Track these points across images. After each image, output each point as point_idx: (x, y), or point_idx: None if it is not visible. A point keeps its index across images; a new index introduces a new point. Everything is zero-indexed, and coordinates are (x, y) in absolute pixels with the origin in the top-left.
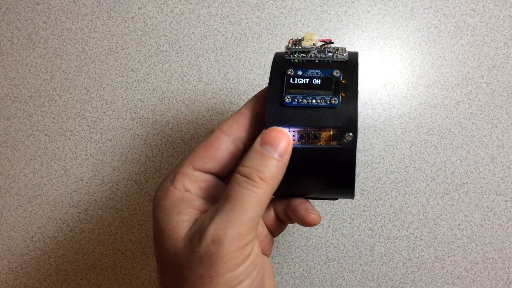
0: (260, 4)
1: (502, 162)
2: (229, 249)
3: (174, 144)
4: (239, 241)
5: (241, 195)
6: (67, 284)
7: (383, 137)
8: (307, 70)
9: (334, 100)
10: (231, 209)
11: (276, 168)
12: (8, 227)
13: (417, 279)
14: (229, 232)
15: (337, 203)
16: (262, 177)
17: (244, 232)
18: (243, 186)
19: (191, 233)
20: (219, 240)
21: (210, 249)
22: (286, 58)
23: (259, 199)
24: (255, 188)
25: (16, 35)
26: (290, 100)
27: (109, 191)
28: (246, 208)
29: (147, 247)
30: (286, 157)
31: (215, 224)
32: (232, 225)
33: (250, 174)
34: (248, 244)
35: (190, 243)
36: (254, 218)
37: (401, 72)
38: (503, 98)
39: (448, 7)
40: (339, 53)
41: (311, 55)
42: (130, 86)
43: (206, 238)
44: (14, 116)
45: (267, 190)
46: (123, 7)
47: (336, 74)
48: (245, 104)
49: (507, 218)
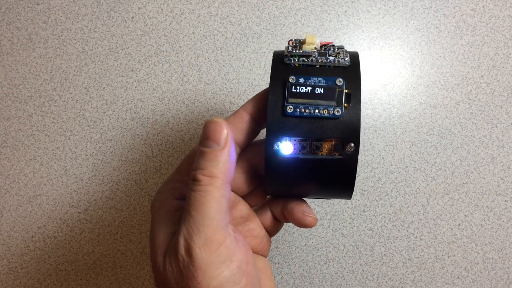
0: (260, 4)
1: (502, 162)
2: (202, 256)
3: (174, 144)
4: (209, 244)
5: (195, 199)
6: (67, 284)
7: (383, 137)
8: (309, 78)
9: (337, 111)
10: (190, 215)
11: (218, 159)
12: (8, 227)
13: (417, 279)
14: (195, 238)
15: (337, 203)
16: (207, 173)
17: (210, 234)
18: (193, 189)
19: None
20: (190, 249)
21: (186, 260)
22: (286, 62)
23: (211, 196)
24: (204, 186)
25: (16, 35)
26: (292, 110)
27: (109, 191)
28: (203, 209)
29: (147, 247)
30: (228, 145)
31: (182, 234)
32: (196, 231)
33: (195, 175)
34: (221, 245)
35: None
36: (215, 217)
37: (401, 72)
38: (503, 98)
39: (448, 7)
40: (340, 58)
41: (311, 59)
42: (130, 86)
43: (179, 250)
44: (14, 116)
45: (217, 184)
46: (123, 7)
47: (339, 83)
48: (242, 107)
49: (507, 218)
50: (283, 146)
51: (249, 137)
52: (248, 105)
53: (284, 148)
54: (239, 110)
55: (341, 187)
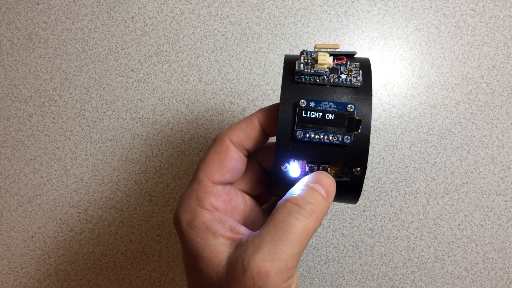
0: (260, 4)
1: (502, 162)
2: (275, 283)
3: (174, 144)
4: (285, 274)
5: (292, 225)
6: (67, 284)
7: (383, 137)
8: (320, 102)
9: (347, 138)
10: (280, 240)
11: (324, 206)
12: (8, 227)
13: (417, 279)
14: (276, 265)
15: (337, 203)
16: (313, 209)
17: (290, 266)
18: (294, 216)
19: (233, 261)
20: (266, 273)
21: (256, 281)
22: (296, 81)
23: (307, 232)
24: (306, 219)
25: (16, 35)
26: (302, 136)
27: (109, 191)
28: (296, 240)
29: (147, 247)
30: (331, 200)
31: (262, 254)
32: (280, 258)
33: (303, 204)
34: (292, 277)
35: (233, 272)
36: (301, 252)
37: (401, 72)
38: (503, 98)
39: (448, 7)
40: (352, 77)
41: (323, 77)
42: (130, 86)
43: (251, 268)
44: (14, 116)
45: (315, 225)
46: (123, 7)
47: (350, 109)
48: (254, 115)
49: (507, 218)
50: (291, 168)
51: (258, 145)
52: (261, 116)
53: (292, 170)
54: (251, 117)
55: (347, 199)
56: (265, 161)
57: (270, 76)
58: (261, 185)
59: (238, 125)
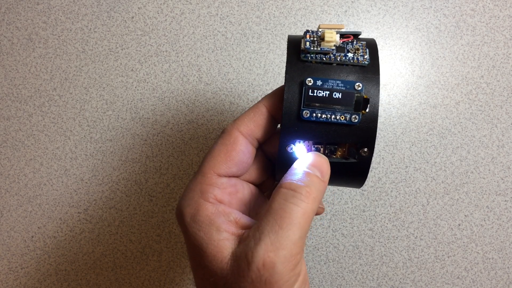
0: (260, 4)
1: (502, 162)
2: (282, 272)
3: (174, 144)
4: (291, 262)
5: (290, 211)
6: (67, 284)
7: (383, 137)
8: (327, 80)
9: (355, 117)
10: (280, 228)
11: (320, 186)
12: (8, 227)
13: (417, 279)
14: (281, 254)
15: (337, 203)
16: (309, 191)
17: (295, 252)
18: (290, 201)
19: (237, 255)
20: (272, 264)
21: (262, 274)
22: (302, 59)
23: (307, 215)
24: (303, 202)
25: (16, 35)
26: (309, 115)
27: (109, 191)
28: (296, 226)
29: (147, 247)
30: (327, 179)
31: (264, 245)
32: (283, 246)
33: (298, 187)
34: (299, 263)
35: (238, 267)
36: (303, 236)
37: (401, 72)
38: (503, 98)
39: (448, 7)
40: (359, 55)
41: (330, 56)
42: (130, 86)
43: (255, 261)
44: (14, 116)
45: (313, 207)
46: (123, 7)
47: (357, 87)
48: (261, 101)
49: (507, 218)
50: (297, 149)
51: (267, 132)
52: (267, 101)
53: (298, 151)
54: (258, 104)
55: (352, 183)
56: (269, 148)
57: (270, 76)
58: (265, 173)
59: (246, 114)
